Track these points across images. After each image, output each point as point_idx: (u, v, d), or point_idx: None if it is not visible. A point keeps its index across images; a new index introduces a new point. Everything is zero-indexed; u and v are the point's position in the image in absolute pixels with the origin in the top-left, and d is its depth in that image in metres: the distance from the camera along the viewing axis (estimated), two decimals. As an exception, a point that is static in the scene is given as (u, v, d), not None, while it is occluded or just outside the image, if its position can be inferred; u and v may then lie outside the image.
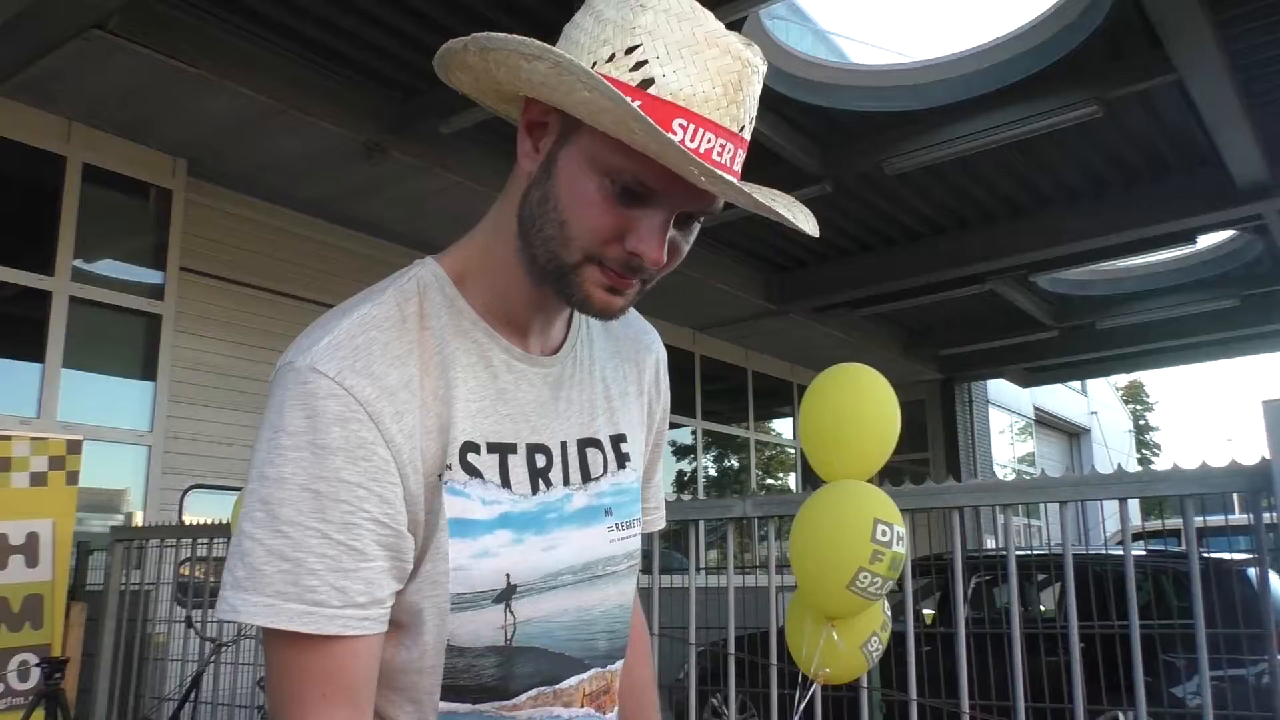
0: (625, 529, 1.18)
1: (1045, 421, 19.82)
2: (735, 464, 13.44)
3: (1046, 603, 7.60)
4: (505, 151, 7.36)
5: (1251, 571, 6.36)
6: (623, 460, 1.19)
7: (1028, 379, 15.49)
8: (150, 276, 7.17)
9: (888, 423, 2.79)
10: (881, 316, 12.02)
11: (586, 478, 1.13)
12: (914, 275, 9.85)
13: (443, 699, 1.03)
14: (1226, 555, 6.61)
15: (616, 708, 1.19)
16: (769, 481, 14.25)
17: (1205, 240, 10.24)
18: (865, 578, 2.62)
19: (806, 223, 1.03)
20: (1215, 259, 10.87)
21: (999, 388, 16.21)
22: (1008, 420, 17.72)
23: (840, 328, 11.30)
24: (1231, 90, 6.40)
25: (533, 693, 1.06)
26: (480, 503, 1.02)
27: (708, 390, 12.09)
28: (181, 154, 7.04)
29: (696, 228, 1.04)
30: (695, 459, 12.33)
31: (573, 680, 1.10)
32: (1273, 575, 4.82)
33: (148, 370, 7.10)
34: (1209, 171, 7.92)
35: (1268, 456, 3.28)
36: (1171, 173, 8.27)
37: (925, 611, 7.45)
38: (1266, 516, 3.39)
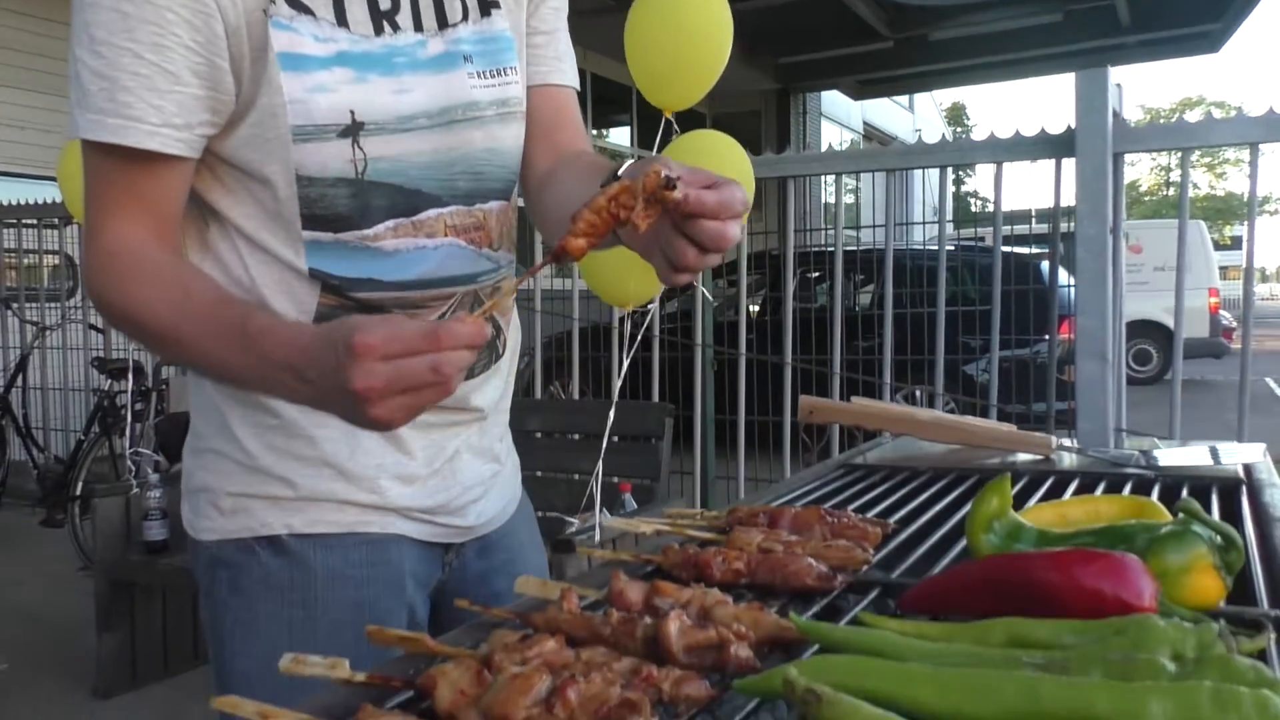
0: (491, 77, 1.19)
1: (873, 137, 20.41)
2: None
3: (863, 301, 8.17)
4: None
5: (1045, 265, 7.04)
6: (486, 7, 1.19)
7: (861, 91, 15.75)
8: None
9: (720, 27, 2.76)
10: (723, 20, 11.76)
11: (443, 24, 1.15)
12: (759, -30, 9.61)
13: (305, 228, 1.10)
14: (1025, 250, 7.24)
15: (505, 250, 1.25)
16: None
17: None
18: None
19: None
20: (1045, -29, 11.04)
21: (832, 101, 16.44)
22: (839, 135, 18.16)
23: (682, 29, 11.02)
24: None
25: (390, 224, 1.13)
26: (312, 39, 1.05)
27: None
28: None
29: None
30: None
31: (431, 213, 1.16)
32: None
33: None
34: None
35: (1073, 125, 3.56)
36: None
37: (752, 308, 7.89)
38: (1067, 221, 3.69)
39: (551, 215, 1.28)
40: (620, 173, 1.07)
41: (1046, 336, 6.29)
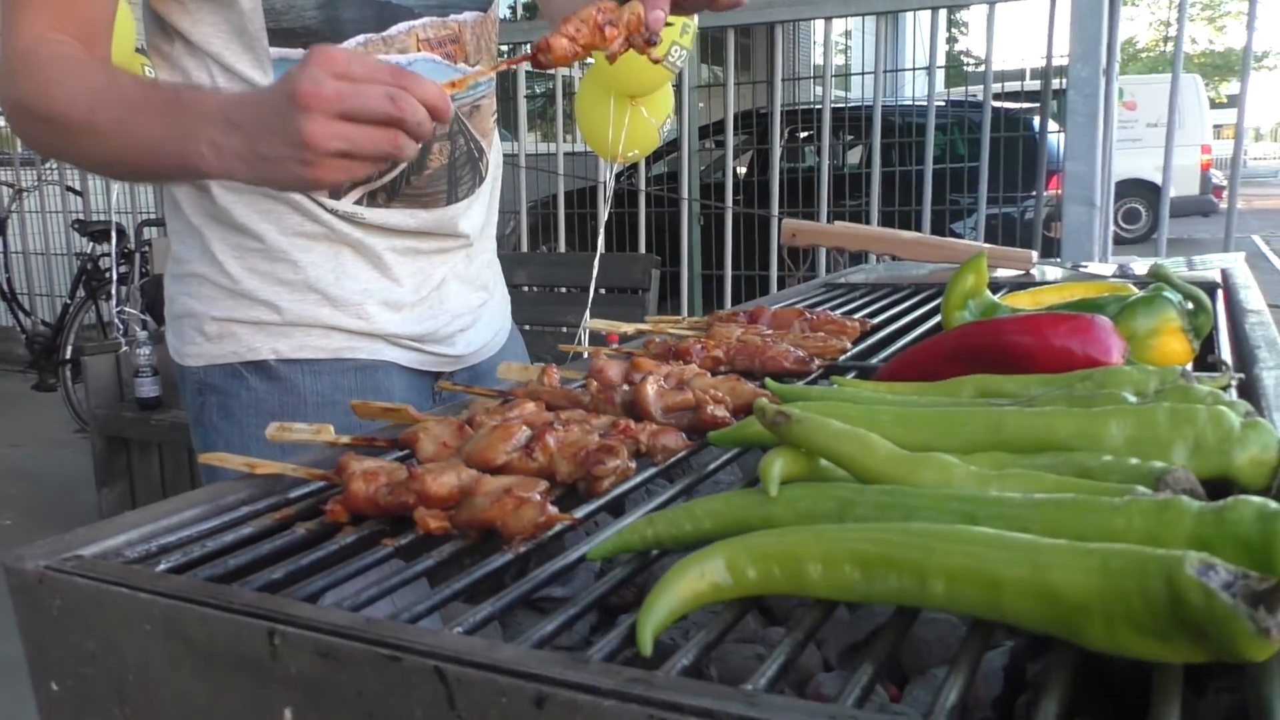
0: None
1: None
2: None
3: (853, 158, 8.06)
4: None
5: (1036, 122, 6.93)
6: None
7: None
8: None
9: None
10: None
11: None
12: None
13: (273, 45, 1.05)
14: (1014, 105, 7.12)
15: (481, 62, 1.21)
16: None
17: None
18: (676, 51, 2.76)
19: None
20: None
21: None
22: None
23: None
24: None
25: (360, 39, 1.09)
26: None
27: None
28: None
29: None
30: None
31: (401, 27, 1.11)
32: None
33: None
34: None
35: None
36: None
37: (740, 170, 7.77)
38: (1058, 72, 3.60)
39: (557, 18, 1.25)
40: None
41: (1034, 194, 6.27)
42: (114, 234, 4.91)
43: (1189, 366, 0.81)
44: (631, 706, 0.38)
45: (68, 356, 5.08)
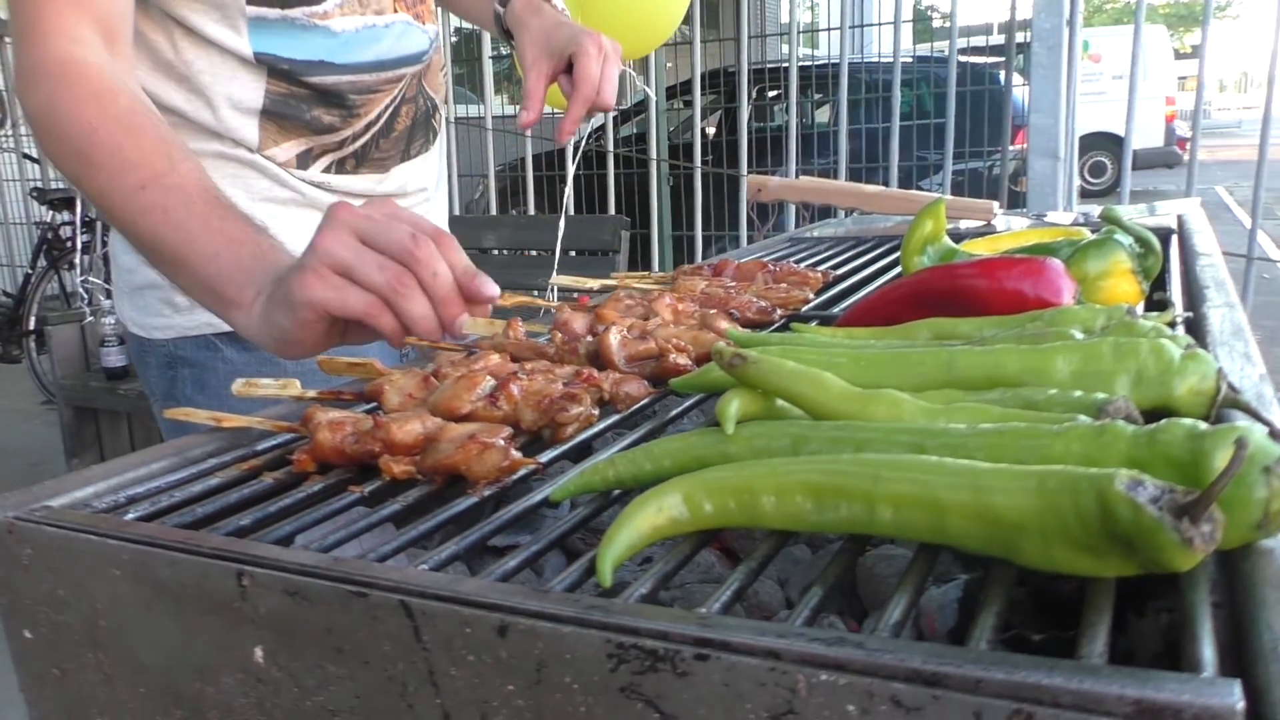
0: None
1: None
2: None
3: (821, 117, 8.05)
4: None
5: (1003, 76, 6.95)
6: None
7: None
8: None
9: None
10: None
11: None
12: None
13: (249, 3, 1.04)
14: (980, 59, 7.13)
15: (433, 23, 1.23)
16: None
17: None
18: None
19: None
20: None
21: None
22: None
23: None
24: None
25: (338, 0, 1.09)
26: None
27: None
28: None
29: None
30: None
31: None
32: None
33: None
34: None
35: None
36: None
37: (709, 130, 7.74)
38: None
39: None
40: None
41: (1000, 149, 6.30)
42: (78, 202, 4.84)
43: (1139, 306, 0.83)
44: (590, 632, 0.40)
45: (31, 327, 5.01)
